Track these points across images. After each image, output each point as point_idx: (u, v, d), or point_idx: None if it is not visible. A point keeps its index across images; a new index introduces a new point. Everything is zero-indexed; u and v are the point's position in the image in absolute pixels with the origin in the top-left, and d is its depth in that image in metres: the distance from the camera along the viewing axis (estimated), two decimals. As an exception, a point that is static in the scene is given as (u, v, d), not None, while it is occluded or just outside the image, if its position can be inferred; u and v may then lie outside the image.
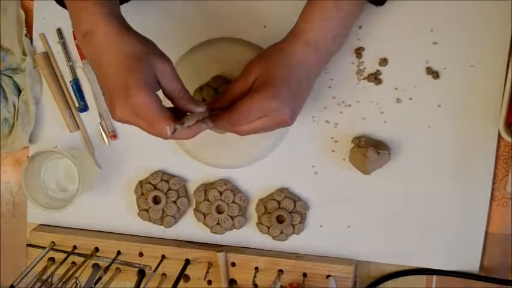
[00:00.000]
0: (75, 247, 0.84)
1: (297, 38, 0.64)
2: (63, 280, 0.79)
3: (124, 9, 0.65)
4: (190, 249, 0.81)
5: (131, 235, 0.85)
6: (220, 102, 0.66)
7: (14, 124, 0.83)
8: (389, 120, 0.74)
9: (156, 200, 0.82)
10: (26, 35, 0.81)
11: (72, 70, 0.82)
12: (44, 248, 0.84)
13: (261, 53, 0.67)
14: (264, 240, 0.80)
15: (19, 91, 0.83)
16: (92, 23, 0.58)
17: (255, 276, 0.78)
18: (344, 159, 0.76)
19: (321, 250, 0.79)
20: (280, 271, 0.79)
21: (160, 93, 0.60)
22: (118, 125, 0.82)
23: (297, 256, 0.79)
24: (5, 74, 0.83)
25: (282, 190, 0.78)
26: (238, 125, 0.63)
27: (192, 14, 0.77)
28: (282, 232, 0.78)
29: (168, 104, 0.61)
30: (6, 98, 0.83)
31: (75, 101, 0.82)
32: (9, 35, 0.82)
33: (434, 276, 0.77)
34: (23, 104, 0.82)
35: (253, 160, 0.78)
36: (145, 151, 0.82)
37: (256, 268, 0.79)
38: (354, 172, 0.75)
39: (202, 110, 0.62)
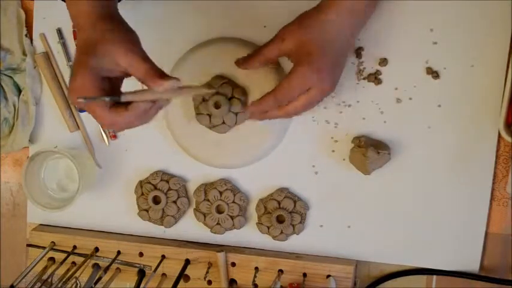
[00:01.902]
0: (75, 247, 0.84)
1: (333, 3, 0.63)
2: (63, 280, 0.79)
3: (124, 9, 0.65)
4: (190, 249, 0.81)
5: (131, 235, 0.85)
6: (251, 61, 0.69)
7: (14, 124, 0.83)
8: (389, 120, 0.74)
9: (156, 200, 0.82)
10: (26, 35, 0.81)
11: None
12: (44, 248, 0.84)
13: (296, 20, 0.66)
14: (264, 240, 0.80)
15: (19, 91, 0.83)
16: (77, 14, 0.61)
17: (255, 276, 0.78)
18: (344, 159, 0.76)
19: (321, 250, 0.79)
20: (280, 271, 0.79)
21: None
22: (118, 125, 0.82)
23: (297, 256, 0.79)
24: (5, 74, 0.83)
25: (282, 190, 0.78)
26: (285, 103, 0.66)
27: (192, 14, 0.77)
28: (282, 232, 0.78)
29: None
30: (6, 98, 0.83)
31: (75, 101, 0.82)
32: (9, 35, 0.82)
33: (434, 276, 0.77)
34: (23, 104, 0.82)
35: (253, 160, 0.78)
36: (145, 151, 0.82)
37: (256, 268, 0.79)
38: (354, 172, 0.75)
39: (169, 85, 0.59)
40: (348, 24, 0.64)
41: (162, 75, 0.59)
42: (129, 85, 0.63)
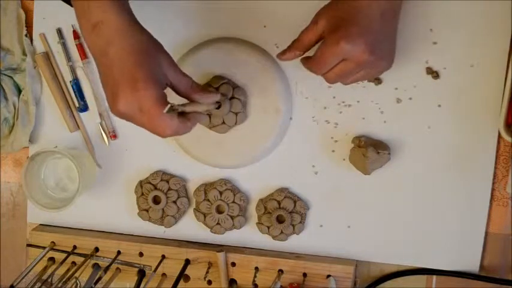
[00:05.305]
0: (75, 247, 0.84)
1: None
2: (63, 280, 0.79)
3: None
4: (190, 249, 0.81)
5: (131, 235, 0.85)
6: (292, 50, 0.66)
7: (14, 124, 0.83)
8: (389, 120, 0.74)
9: (156, 200, 0.82)
10: (26, 35, 0.81)
11: (72, 70, 0.82)
12: (44, 248, 0.84)
13: (328, 3, 0.64)
14: (264, 240, 0.80)
15: (19, 91, 0.83)
16: (103, 13, 0.57)
17: (255, 276, 0.78)
18: (344, 159, 0.76)
19: (321, 250, 0.79)
20: (280, 271, 0.79)
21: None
22: (118, 125, 0.82)
23: (297, 256, 0.79)
24: (5, 74, 0.83)
25: (282, 190, 0.78)
26: (321, 73, 0.64)
27: (192, 13, 0.77)
28: (282, 232, 0.78)
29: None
30: (6, 98, 0.83)
31: (75, 101, 0.82)
32: (9, 35, 0.82)
33: (434, 276, 0.77)
34: (23, 104, 0.82)
35: (253, 160, 0.78)
36: (145, 151, 0.82)
37: (256, 268, 0.79)
38: (354, 172, 0.75)
39: (218, 98, 0.66)
40: None
41: (203, 88, 0.63)
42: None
